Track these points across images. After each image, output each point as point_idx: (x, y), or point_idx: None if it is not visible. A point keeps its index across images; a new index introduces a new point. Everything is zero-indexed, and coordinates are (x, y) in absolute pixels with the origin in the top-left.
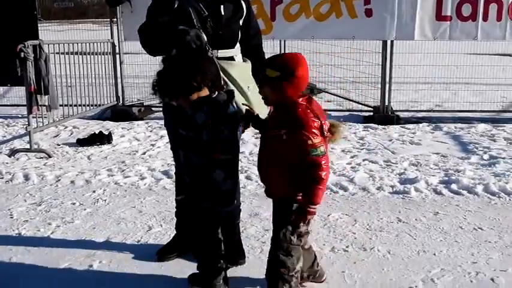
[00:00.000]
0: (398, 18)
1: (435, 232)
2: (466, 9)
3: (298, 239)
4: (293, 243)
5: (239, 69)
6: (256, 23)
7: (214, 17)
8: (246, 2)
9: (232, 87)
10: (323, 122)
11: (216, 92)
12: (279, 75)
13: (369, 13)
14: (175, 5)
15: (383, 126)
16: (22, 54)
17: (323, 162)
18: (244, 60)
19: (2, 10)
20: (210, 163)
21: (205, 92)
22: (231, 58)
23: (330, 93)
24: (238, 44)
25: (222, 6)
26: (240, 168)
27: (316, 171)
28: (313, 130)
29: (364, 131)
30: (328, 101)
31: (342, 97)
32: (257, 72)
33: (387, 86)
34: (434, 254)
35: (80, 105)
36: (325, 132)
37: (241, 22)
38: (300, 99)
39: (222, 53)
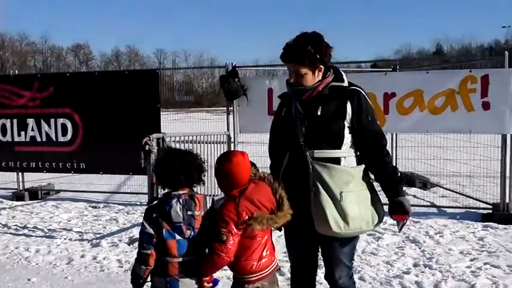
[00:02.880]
0: None
1: None
2: None
3: None
4: None
5: (335, 173)
6: (374, 125)
7: (310, 117)
8: (354, 102)
9: (321, 190)
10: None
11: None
12: (216, 168)
13: (486, 106)
14: (283, 113)
15: (504, 226)
16: (147, 147)
17: (219, 249)
18: (359, 164)
19: (127, 102)
20: None
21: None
22: (335, 159)
23: (444, 187)
24: (347, 146)
25: (320, 107)
26: (353, 268)
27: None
28: (225, 218)
29: (483, 230)
30: (442, 197)
31: (457, 192)
32: (377, 175)
33: (507, 181)
34: None
35: None
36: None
37: (346, 123)
38: (234, 190)
39: (319, 153)
